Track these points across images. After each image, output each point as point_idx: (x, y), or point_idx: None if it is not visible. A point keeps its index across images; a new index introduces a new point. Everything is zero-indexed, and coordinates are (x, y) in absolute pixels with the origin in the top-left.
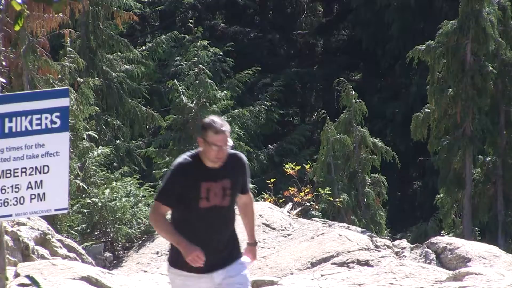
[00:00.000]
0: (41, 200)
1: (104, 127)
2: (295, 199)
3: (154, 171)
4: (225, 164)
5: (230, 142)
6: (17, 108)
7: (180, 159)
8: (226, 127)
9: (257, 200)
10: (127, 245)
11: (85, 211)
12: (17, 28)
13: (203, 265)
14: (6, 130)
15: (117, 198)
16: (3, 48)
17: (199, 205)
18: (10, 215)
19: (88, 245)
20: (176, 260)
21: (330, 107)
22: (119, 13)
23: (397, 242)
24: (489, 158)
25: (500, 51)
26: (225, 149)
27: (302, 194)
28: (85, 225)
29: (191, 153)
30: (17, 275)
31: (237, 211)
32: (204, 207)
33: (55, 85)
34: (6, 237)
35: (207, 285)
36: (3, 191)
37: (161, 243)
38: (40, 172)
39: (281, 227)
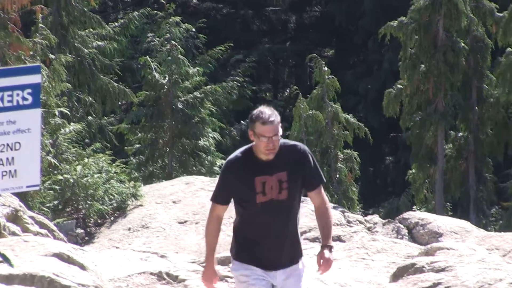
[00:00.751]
0: (12, 176)
1: (76, 103)
2: None
3: (126, 147)
4: (280, 155)
5: (280, 132)
6: None
7: (231, 156)
8: (275, 117)
9: None
10: (99, 221)
11: (57, 187)
12: None
13: (265, 261)
14: None
15: (89, 175)
16: None
17: (256, 200)
18: None
19: (60, 221)
20: (240, 254)
21: (302, 83)
22: None
23: (369, 217)
24: (461, 134)
25: (472, 27)
26: (276, 140)
27: None
28: (57, 202)
29: (244, 148)
30: None
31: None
32: (260, 201)
33: (26, 61)
34: None
35: (270, 281)
36: None
37: (133, 220)
38: (11, 149)
39: None
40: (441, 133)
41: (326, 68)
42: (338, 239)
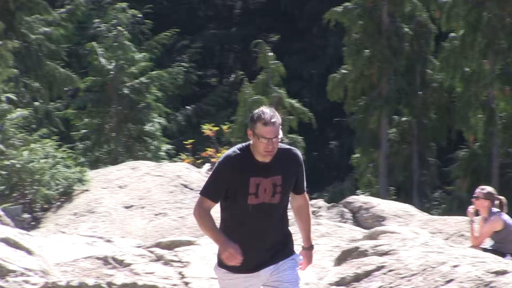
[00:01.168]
0: None
1: (23, 89)
2: (213, 160)
3: (72, 133)
4: (277, 159)
5: (281, 134)
6: None
7: (229, 151)
8: (277, 119)
9: (174, 161)
10: (45, 206)
11: (3, 172)
12: None
13: (250, 264)
14: None
15: (36, 160)
16: None
17: (247, 201)
18: None
19: (7, 206)
20: (223, 261)
21: (247, 69)
22: None
23: (313, 201)
24: (404, 118)
25: (416, 13)
26: (275, 142)
27: (219, 154)
28: (3, 187)
29: (242, 146)
30: None
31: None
32: (252, 203)
33: None
34: None
35: (254, 282)
36: None
37: (79, 204)
38: None
39: (199, 187)
40: (385, 117)
41: (271, 54)
42: None
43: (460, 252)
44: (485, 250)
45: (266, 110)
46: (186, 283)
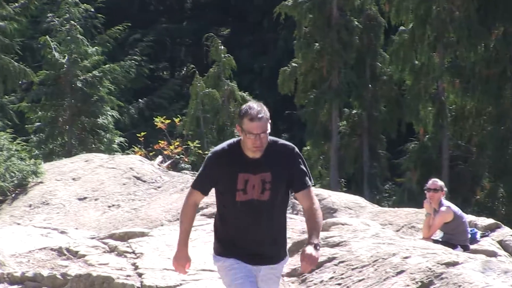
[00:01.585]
0: None
1: None
2: (165, 152)
3: (26, 126)
4: (268, 154)
5: (269, 130)
6: None
7: (218, 147)
8: (264, 114)
9: (127, 154)
10: (0, 198)
11: None
12: None
13: (243, 259)
14: None
15: None
16: None
17: (235, 198)
18: None
19: None
20: (221, 249)
21: (199, 62)
22: None
23: None
24: (355, 111)
25: (366, 6)
26: (264, 138)
27: (172, 147)
28: None
29: (232, 141)
30: None
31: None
32: (240, 200)
33: None
34: None
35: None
36: None
37: (34, 196)
38: None
39: (152, 179)
40: (335, 110)
41: (222, 47)
42: None
43: (411, 244)
44: (435, 241)
45: (254, 105)
46: (140, 274)
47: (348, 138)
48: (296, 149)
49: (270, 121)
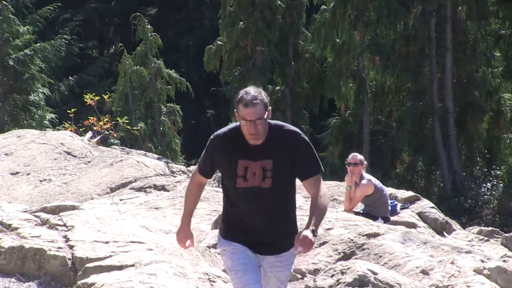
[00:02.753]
0: None
1: None
2: (95, 128)
3: None
4: (270, 141)
5: (266, 116)
6: None
7: (220, 130)
8: (260, 100)
9: (58, 130)
10: None
11: None
12: None
13: (247, 245)
14: None
15: None
16: None
17: (236, 184)
18: None
19: None
20: (226, 233)
21: (127, 41)
22: None
23: (191, 167)
24: (278, 88)
25: None
26: (259, 124)
27: (101, 123)
28: None
29: (234, 126)
30: None
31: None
32: (241, 187)
33: None
34: None
35: (255, 257)
36: None
37: None
38: None
39: (82, 154)
40: (259, 86)
41: (149, 26)
42: (162, 188)
43: (333, 216)
44: (357, 213)
45: (250, 91)
46: (71, 246)
47: (272, 114)
48: (302, 135)
49: (269, 107)
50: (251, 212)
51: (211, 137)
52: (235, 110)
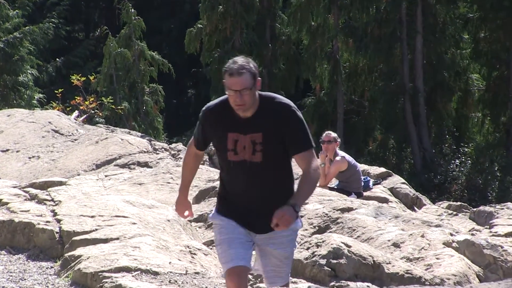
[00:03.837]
0: None
1: None
2: (81, 108)
3: None
4: (260, 113)
5: (255, 87)
6: None
7: (211, 102)
8: (248, 69)
9: (46, 109)
10: None
11: None
12: None
13: (240, 221)
14: None
15: None
16: None
17: (227, 158)
18: None
19: None
20: (219, 207)
21: (112, 24)
22: None
23: (173, 145)
24: None
25: None
26: (245, 95)
27: (87, 102)
28: None
29: (225, 97)
30: None
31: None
32: (232, 160)
33: None
34: None
35: (247, 233)
36: None
37: None
38: None
39: (69, 133)
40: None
41: (132, 10)
42: (146, 165)
43: None
44: (331, 189)
45: (238, 60)
46: (58, 220)
47: None
48: (293, 107)
49: (259, 78)
50: (244, 186)
51: (203, 108)
52: (223, 80)
